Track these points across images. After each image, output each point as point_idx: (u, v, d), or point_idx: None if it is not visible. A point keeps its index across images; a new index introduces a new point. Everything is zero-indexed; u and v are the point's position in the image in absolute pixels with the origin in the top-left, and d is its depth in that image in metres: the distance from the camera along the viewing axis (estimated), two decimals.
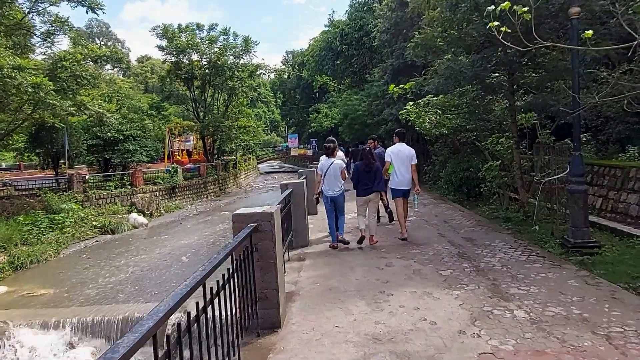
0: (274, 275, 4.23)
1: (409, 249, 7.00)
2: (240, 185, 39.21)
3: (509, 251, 6.40)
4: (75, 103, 18.32)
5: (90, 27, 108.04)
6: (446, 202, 12.02)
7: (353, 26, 28.82)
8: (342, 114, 28.17)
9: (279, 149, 80.00)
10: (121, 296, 10.72)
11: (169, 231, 19.12)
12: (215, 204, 27.73)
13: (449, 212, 10.29)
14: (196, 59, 32.71)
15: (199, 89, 34.09)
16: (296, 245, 7.64)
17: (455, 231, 8.08)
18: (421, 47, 9.60)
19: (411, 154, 7.72)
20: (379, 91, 21.08)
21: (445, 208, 11.04)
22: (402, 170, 7.66)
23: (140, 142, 27.20)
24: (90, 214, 19.87)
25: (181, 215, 23.31)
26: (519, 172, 9.22)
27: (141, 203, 22.72)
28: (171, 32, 31.21)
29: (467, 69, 7.72)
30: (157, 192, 25.14)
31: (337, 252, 7.13)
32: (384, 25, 18.77)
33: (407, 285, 5.19)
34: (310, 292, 5.25)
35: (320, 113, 47.85)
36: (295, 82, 61.52)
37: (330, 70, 32.71)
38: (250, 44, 32.92)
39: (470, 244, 7.04)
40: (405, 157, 7.68)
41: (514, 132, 9.08)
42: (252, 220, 4.17)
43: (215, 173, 33.10)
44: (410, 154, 7.71)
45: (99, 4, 20.27)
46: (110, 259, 14.44)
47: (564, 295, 4.49)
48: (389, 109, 17.57)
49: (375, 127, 23.33)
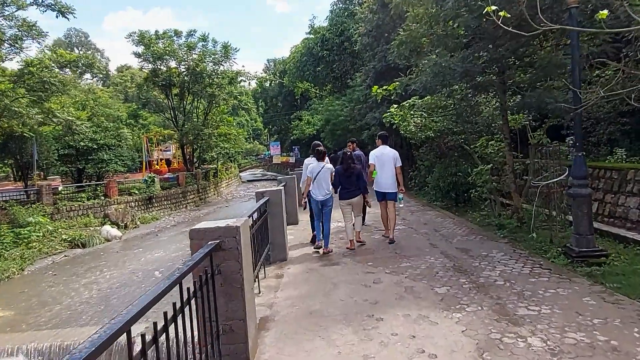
0: (241, 302, 3.50)
1: (399, 261, 6.34)
2: (222, 194, 38.23)
3: (509, 263, 5.77)
4: (42, 111, 17.34)
5: (69, 36, 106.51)
6: (434, 209, 11.43)
7: (334, 31, 28.34)
8: (323, 119, 27.59)
9: (261, 156, 79.19)
10: (84, 318, 9.82)
11: (143, 244, 18.14)
12: (195, 214, 26.77)
13: (438, 220, 9.68)
14: (174, 65, 31.83)
15: (177, 96, 33.16)
16: (274, 259, 6.92)
17: (448, 241, 7.45)
18: (406, 45, 9.02)
19: (394, 157, 7.70)
20: (361, 96, 20.55)
21: (434, 215, 10.42)
22: (385, 173, 7.64)
23: (115, 151, 26.19)
24: (60, 227, 18.81)
25: (158, 227, 22.32)
26: (511, 176, 8.67)
27: (115, 215, 21.68)
28: (148, 39, 30.28)
29: (456, 65, 7.14)
30: (133, 202, 24.11)
31: (319, 267, 6.42)
32: (365, 28, 18.26)
33: (399, 307, 4.51)
34: (288, 317, 4.53)
35: (302, 120, 47.30)
36: (277, 89, 60.89)
37: (312, 76, 32.12)
38: (230, 50, 32.19)
39: (465, 255, 6.40)
40: (389, 160, 7.65)
41: (505, 134, 8.53)
42: (213, 236, 3.46)
43: (195, 182, 32.12)
44: (393, 157, 7.69)
45: (69, 9, 19.33)
46: (77, 276, 13.45)
47: (583, 317, 3.86)
48: (371, 113, 16.99)
49: (357, 132, 22.76)
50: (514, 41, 6.92)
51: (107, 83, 78.80)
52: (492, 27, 6.84)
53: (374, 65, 16.41)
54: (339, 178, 7.40)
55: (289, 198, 10.45)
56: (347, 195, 7.35)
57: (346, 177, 7.31)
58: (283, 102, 60.19)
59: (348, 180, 7.31)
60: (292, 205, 10.50)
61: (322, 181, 7.38)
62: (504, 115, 8.47)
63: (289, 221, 10.41)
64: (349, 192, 7.34)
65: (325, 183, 7.40)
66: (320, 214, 7.49)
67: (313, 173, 7.42)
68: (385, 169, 7.65)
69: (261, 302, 5.01)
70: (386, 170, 7.65)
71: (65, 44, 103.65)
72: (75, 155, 24.26)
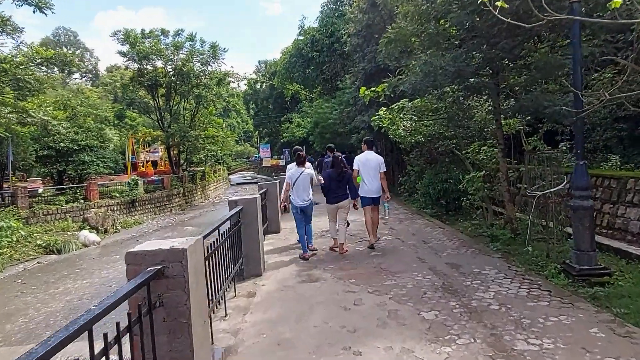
0: (187, 340, 2.91)
1: (383, 278, 5.77)
2: (209, 197, 37.48)
3: (504, 282, 5.23)
4: (16, 110, 16.57)
5: (58, 35, 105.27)
6: (424, 217, 10.90)
7: (324, 32, 27.77)
8: (312, 122, 27.02)
9: (252, 159, 78.46)
10: (49, 332, 9.11)
11: (122, 250, 17.37)
12: (179, 218, 26.03)
13: (427, 230, 9.14)
14: (161, 65, 31.08)
15: (164, 97, 32.40)
16: (248, 274, 6.32)
17: (437, 254, 6.90)
18: (395, 44, 8.49)
19: (379, 162, 7.64)
20: (350, 98, 20.03)
21: (423, 224, 9.88)
22: (370, 178, 7.59)
23: (97, 152, 25.35)
24: (35, 231, 18.02)
25: (140, 232, 21.57)
26: (505, 184, 8.16)
27: (95, 219, 20.91)
28: (133, 37, 29.51)
29: (448, 65, 6.61)
30: (115, 206, 23.33)
31: (296, 284, 5.84)
32: (355, 28, 17.74)
33: (381, 337, 3.94)
34: (254, 348, 3.94)
35: (292, 123, 46.74)
36: (267, 92, 60.42)
37: (301, 77, 31.51)
38: (218, 50, 31.53)
39: (456, 271, 5.85)
40: (374, 165, 7.59)
41: (499, 139, 8.03)
42: (154, 261, 2.86)
43: (181, 185, 31.38)
44: (378, 162, 7.63)
45: (47, 4, 18.55)
46: (48, 285, 12.73)
47: (591, 355, 3.31)
48: (360, 116, 16.44)
49: (347, 136, 22.24)
50: (510, 39, 6.43)
51: (97, 83, 77.87)
52: (486, 24, 6.34)
53: (364, 67, 15.89)
54: (329, 182, 7.37)
55: (270, 205, 9.87)
56: (335, 200, 7.34)
57: (337, 182, 7.32)
58: (274, 104, 59.72)
59: (339, 184, 7.32)
60: (273, 212, 9.90)
61: (302, 187, 7.35)
62: (498, 119, 7.98)
63: (270, 229, 9.83)
64: (337, 197, 7.33)
65: (304, 189, 7.36)
66: (302, 221, 7.43)
67: (292, 179, 7.38)
68: (371, 174, 7.59)
69: (226, 328, 4.42)
70: (373, 176, 7.59)
71: (54, 42, 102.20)
72: (55, 156, 23.37)
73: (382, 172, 7.59)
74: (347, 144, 23.72)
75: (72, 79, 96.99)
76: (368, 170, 7.57)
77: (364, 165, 7.60)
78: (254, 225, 6.34)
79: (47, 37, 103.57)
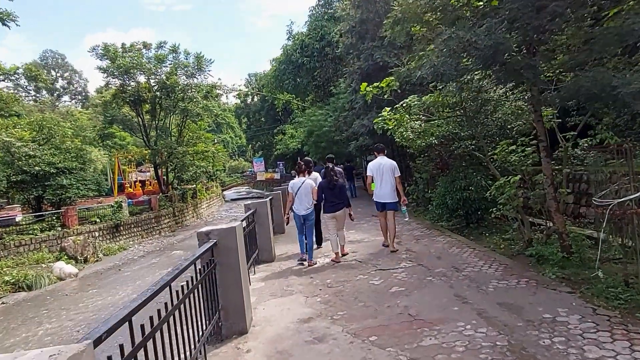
0: None
1: (417, 333, 4.09)
2: (202, 216, 35.68)
3: (602, 340, 3.53)
4: None
5: (45, 58, 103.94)
6: (443, 233, 9.23)
7: (314, 36, 26.21)
8: (306, 131, 25.38)
9: (247, 174, 76.75)
10: None
11: (101, 282, 15.62)
12: (168, 240, 24.24)
13: (454, 251, 7.46)
14: (144, 80, 29.48)
15: (149, 113, 30.72)
16: (228, 332, 4.61)
17: (480, 289, 5.20)
18: (402, 25, 6.91)
19: (393, 166, 7.80)
20: (345, 102, 18.45)
21: (445, 242, 8.20)
22: (384, 183, 7.76)
23: (76, 175, 23.56)
24: (4, 266, 16.23)
25: (124, 259, 19.78)
26: (551, 190, 6.52)
27: (73, 247, 19.10)
28: (113, 52, 27.94)
29: (481, 38, 5.00)
30: (97, 232, 21.57)
31: (293, 346, 4.14)
32: (348, 24, 16.19)
33: None
34: None
35: (285, 134, 45.22)
36: (259, 104, 58.98)
37: (292, 85, 29.81)
38: (203, 61, 30.01)
39: (519, 319, 4.17)
40: (387, 170, 7.74)
41: (542, 135, 6.41)
42: None
43: (170, 205, 29.60)
44: (391, 166, 7.79)
45: (9, 15, 17.03)
46: (7, 332, 10.92)
47: None
48: (359, 121, 14.82)
49: (344, 144, 20.61)
50: None
51: (87, 104, 76.63)
52: None
53: (360, 66, 14.31)
54: (322, 192, 7.58)
55: (261, 228, 8.19)
56: (332, 209, 7.51)
57: (329, 190, 7.49)
58: (266, 116, 58.24)
59: (332, 193, 7.48)
60: (265, 238, 8.22)
61: (303, 195, 7.56)
62: (538, 110, 6.38)
63: (261, 257, 8.14)
64: (333, 206, 7.50)
65: (306, 197, 7.57)
66: (302, 228, 7.66)
67: (294, 188, 7.60)
68: (384, 179, 7.75)
69: None
70: (385, 181, 7.75)
71: (42, 66, 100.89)
72: (30, 181, 21.56)
73: (397, 176, 7.76)
74: (345, 153, 22.07)
75: (62, 101, 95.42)
76: (382, 176, 7.71)
77: (378, 171, 7.73)
78: (233, 263, 4.65)
79: (35, 61, 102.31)
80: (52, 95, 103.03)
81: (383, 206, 7.81)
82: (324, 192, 7.52)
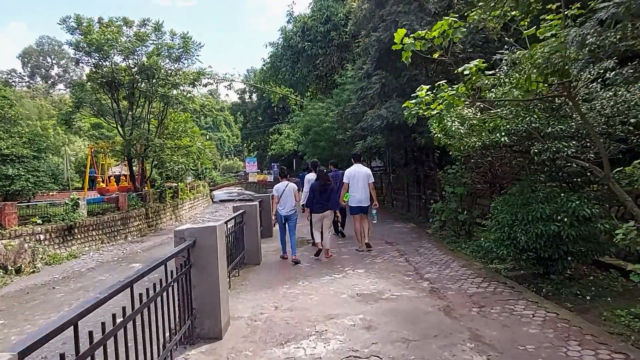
0: None
1: None
2: (182, 218, 31.88)
3: None
4: None
5: (41, 44, 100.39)
6: (512, 289, 5.51)
7: (318, 18, 22.39)
8: (303, 127, 21.61)
9: (240, 174, 73.09)
10: None
11: (22, 305, 11.82)
12: (132, 248, 20.41)
13: (574, 347, 3.72)
14: (121, 60, 25.73)
15: (126, 99, 26.93)
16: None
17: None
18: None
19: (368, 174, 8.36)
20: (353, 92, 14.76)
21: (539, 320, 4.45)
22: (360, 189, 8.25)
23: (28, 164, 19.78)
24: None
25: (68, 271, 15.93)
26: None
27: (4, 254, 15.25)
28: (87, 25, 24.18)
29: None
30: (42, 234, 17.68)
31: None
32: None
33: None
34: None
35: (281, 134, 41.44)
36: (256, 101, 55.20)
37: (289, 73, 25.76)
38: (190, 43, 26.29)
39: None
40: (363, 177, 8.26)
41: None
42: None
43: (143, 205, 25.76)
44: (366, 174, 8.32)
45: None
46: None
47: None
48: (373, 111, 11.11)
49: (347, 144, 16.89)
50: None
51: None
52: None
53: (379, 37, 10.60)
54: (313, 193, 7.85)
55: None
56: (321, 210, 7.77)
57: (320, 193, 7.74)
58: (263, 115, 54.47)
59: (322, 195, 7.75)
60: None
61: (287, 198, 7.82)
62: None
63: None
64: (322, 207, 7.78)
65: (289, 200, 7.83)
66: (284, 227, 7.91)
67: (279, 191, 7.85)
68: (361, 186, 8.26)
69: None
70: (360, 187, 8.26)
71: (37, 52, 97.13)
72: None
73: (370, 182, 8.27)
74: (346, 156, 18.21)
75: (57, 89, 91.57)
76: (357, 182, 8.23)
77: (354, 178, 8.25)
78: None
79: (30, 47, 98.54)
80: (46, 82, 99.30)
81: (360, 210, 8.33)
82: (314, 194, 7.79)
